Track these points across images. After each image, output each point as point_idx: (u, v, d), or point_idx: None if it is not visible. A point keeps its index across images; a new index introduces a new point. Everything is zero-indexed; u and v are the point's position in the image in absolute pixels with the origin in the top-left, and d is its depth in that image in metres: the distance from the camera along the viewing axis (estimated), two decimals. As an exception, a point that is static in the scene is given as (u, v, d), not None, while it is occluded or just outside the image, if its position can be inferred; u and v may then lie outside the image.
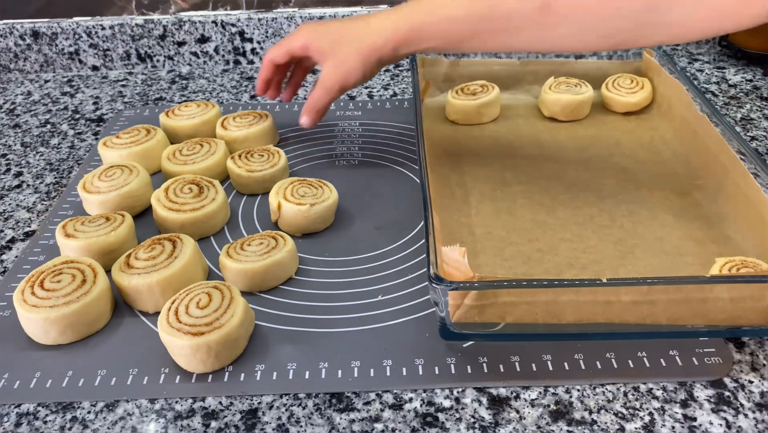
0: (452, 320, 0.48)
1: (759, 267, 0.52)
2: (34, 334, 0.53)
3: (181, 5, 0.98)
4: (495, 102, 0.80)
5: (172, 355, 0.50)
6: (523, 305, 0.47)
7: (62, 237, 0.59)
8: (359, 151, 0.78)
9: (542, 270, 0.57)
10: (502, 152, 0.74)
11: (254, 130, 0.76)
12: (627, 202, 0.65)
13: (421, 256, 0.61)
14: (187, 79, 0.99)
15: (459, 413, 0.47)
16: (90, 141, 0.84)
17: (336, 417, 0.47)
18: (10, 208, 0.71)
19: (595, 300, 0.47)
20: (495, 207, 0.65)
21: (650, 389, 0.48)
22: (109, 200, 0.65)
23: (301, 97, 0.91)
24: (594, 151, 0.74)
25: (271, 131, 0.78)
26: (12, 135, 0.86)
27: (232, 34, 0.99)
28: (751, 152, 0.61)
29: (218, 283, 0.53)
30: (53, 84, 0.99)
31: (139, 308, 0.56)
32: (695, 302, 0.47)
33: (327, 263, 0.61)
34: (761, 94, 0.87)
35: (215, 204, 0.64)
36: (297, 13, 0.98)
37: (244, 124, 0.76)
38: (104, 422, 0.47)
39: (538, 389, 0.49)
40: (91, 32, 0.99)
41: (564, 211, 0.64)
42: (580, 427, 0.46)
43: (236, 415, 0.48)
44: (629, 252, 0.59)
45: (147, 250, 0.57)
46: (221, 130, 0.77)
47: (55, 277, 0.54)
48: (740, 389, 0.48)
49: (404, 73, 0.98)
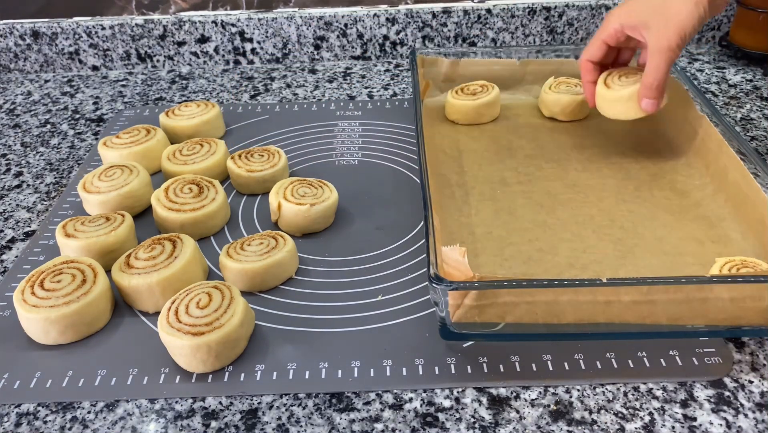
0: (452, 320, 0.48)
1: (759, 267, 0.52)
2: (34, 334, 0.53)
3: (181, 5, 0.98)
4: (495, 102, 0.80)
5: (172, 355, 0.50)
6: (523, 305, 0.47)
7: (62, 237, 0.59)
8: (359, 151, 0.78)
9: (542, 270, 0.57)
10: (502, 152, 0.74)
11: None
12: (627, 202, 0.65)
13: (421, 256, 0.61)
14: (187, 79, 0.99)
15: (459, 413, 0.47)
16: (90, 141, 0.84)
17: (336, 417, 0.47)
18: (10, 208, 0.71)
19: (595, 300, 0.47)
20: (495, 207, 0.65)
21: (650, 389, 0.48)
22: (109, 200, 0.65)
23: (301, 97, 0.92)
24: (594, 151, 0.74)
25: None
26: (12, 135, 0.86)
27: (232, 34, 0.99)
28: (751, 152, 0.61)
29: (218, 283, 0.53)
30: (53, 84, 0.99)
31: (139, 308, 0.56)
32: (695, 302, 0.47)
33: (327, 263, 0.61)
34: (761, 94, 0.87)
35: (215, 204, 0.64)
36: (297, 13, 0.98)
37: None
38: (104, 422, 0.47)
39: (538, 389, 0.49)
40: (91, 32, 0.99)
41: (564, 211, 0.64)
42: (580, 427, 0.46)
43: (236, 415, 0.48)
44: (629, 252, 0.59)
45: (147, 250, 0.57)
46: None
47: (55, 277, 0.54)
48: (740, 389, 0.48)
49: (404, 73, 0.98)
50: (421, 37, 1.00)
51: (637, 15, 0.62)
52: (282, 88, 0.94)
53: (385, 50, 1.01)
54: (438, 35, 0.99)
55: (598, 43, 0.67)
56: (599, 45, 0.67)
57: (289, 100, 0.91)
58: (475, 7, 0.97)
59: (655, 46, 0.61)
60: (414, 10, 0.97)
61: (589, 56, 0.69)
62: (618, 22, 0.64)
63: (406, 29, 0.99)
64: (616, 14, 0.65)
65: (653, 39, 0.61)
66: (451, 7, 0.97)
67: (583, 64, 0.70)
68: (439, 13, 0.97)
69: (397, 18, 0.98)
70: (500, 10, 0.97)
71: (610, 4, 0.97)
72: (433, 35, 1.00)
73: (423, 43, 1.00)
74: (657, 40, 0.61)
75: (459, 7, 0.97)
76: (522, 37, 1.00)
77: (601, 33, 0.66)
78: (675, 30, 0.60)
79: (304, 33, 0.99)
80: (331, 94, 0.92)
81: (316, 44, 1.01)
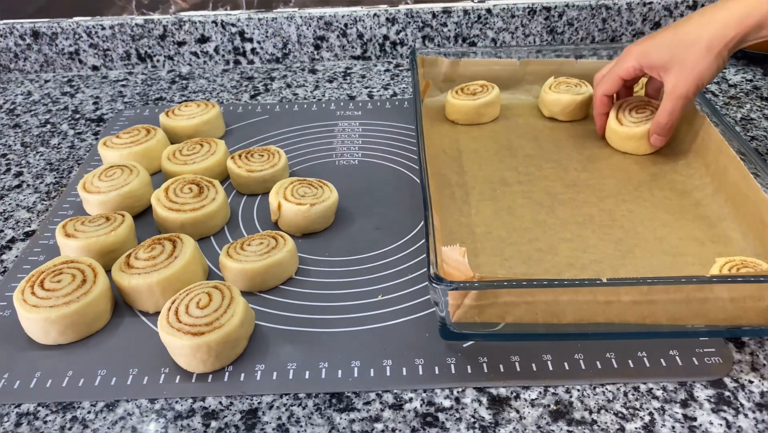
0: (452, 320, 0.48)
1: (759, 267, 0.52)
2: (34, 334, 0.53)
3: (181, 5, 0.98)
4: (495, 102, 0.80)
5: (172, 355, 0.50)
6: (523, 304, 0.47)
7: (62, 237, 0.59)
8: (359, 151, 0.78)
9: (542, 270, 0.57)
10: (502, 152, 0.74)
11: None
12: (627, 202, 0.65)
13: (421, 256, 0.61)
14: (187, 79, 0.99)
15: (459, 413, 0.47)
16: (90, 141, 0.84)
17: (336, 417, 0.47)
18: (10, 208, 0.71)
19: (595, 300, 0.47)
20: (495, 207, 0.65)
21: (650, 389, 0.48)
22: (109, 200, 0.65)
23: (301, 97, 0.92)
24: (594, 151, 0.74)
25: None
26: (12, 135, 0.86)
27: (232, 34, 0.99)
28: (751, 152, 0.61)
29: (218, 283, 0.53)
30: (53, 84, 0.99)
31: (139, 308, 0.56)
32: (695, 302, 0.47)
33: (327, 263, 0.61)
34: (761, 94, 0.87)
35: (215, 204, 0.64)
36: (297, 13, 0.98)
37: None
38: (104, 422, 0.47)
39: (538, 389, 0.49)
40: (91, 32, 0.99)
41: (564, 211, 0.64)
42: (580, 427, 0.46)
43: (236, 415, 0.48)
44: (629, 252, 0.59)
45: (147, 250, 0.57)
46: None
47: (55, 277, 0.54)
48: (740, 389, 0.48)
49: (404, 73, 0.98)
50: (421, 37, 1.00)
51: (657, 57, 0.64)
52: (282, 88, 0.94)
53: (385, 50, 1.01)
54: (438, 35, 1.00)
55: (615, 79, 0.69)
56: (616, 81, 0.69)
57: (289, 100, 0.91)
58: (475, 7, 0.97)
59: (673, 92, 0.64)
60: (414, 10, 0.97)
61: (605, 91, 0.70)
62: (637, 61, 0.66)
63: (406, 29, 0.99)
64: (635, 52, 0.66)
65: (671, 84, 0.64)
66: (451, 7, 0.97)
67: (599, 97, 0.71)
68: (439, 13, 0.97)
69: (397, 18, 0.98)
70: (500, 10, 0.97)
71: (610, 4, 0.97)
72: (433, 35, 1.00)
73: (423, 43, 1.00)
74: (674, 86, 0.63)
75: (459, 7, 0.97)
76: (522, 37, 1.00)
77: (618, 69, 0.68)
78: (693, 80, 0.62)
79: (304, 33, 0.99)
80: (331, 94, 0.92)
81: (316, 44, 1.01)
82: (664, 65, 0.63)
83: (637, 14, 0.98)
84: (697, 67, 0.61)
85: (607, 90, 0.70)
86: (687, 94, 0.63)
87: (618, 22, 0.99)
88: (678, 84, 0.63)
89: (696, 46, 0.61)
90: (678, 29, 0.63)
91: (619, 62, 0.68)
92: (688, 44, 0.62)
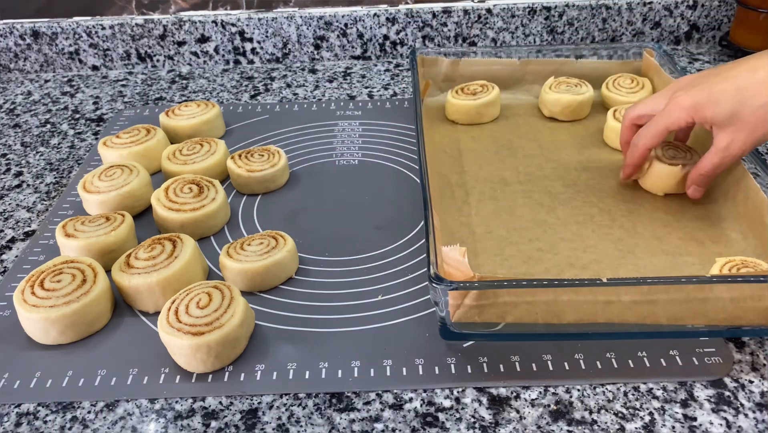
0: (452, 320, 0.48)
1: (759, 267, 0.52)
2: (34, 334, 0.53)
3: (181, 5, 0.98)
4: (495, 102, 0.80)
5: (172, 355, 0.50)
6: (523, 304, 0.47)
7: (62, 237, 0.59)
8: (359, 151, 0.78)
9: (542, 270, 0.57)
10: (502, 152, 0.74)
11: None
12: (627, 201, 0.65)
13: (421, 256, 0.61)
14: (187, 79, 0.99)
15: (459, 413, 0.47)
16: (90, 141, 0.84)
17: (336, 417, 0.47)
18: (10, 208, 0.71)
19: (595, 300, 0.47)
20: (495, 207, 0.65)
21: (650, 388, 0.48)
22: (109, 200, 0.65)
23: (301, 97, 0.92)
24: (594, 151, 0.74)
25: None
26: (12, 135, 0.86)
27: (232, 33, 0.99)
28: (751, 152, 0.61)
29: (218, 283, 0.53)
30: (53, 84, 0.99)
31: (139, 307, 0.56)
32: (695, 302, 0.47)
33: (327, 262, 0.61)
34: (761, 94, 0.87)
35: (215, 204, 0.64)
36: (297, 13, 0.98)
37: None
38: (104, 422, 0.47)
39: (538, 388, 0.49)
40: (91, 32, 0.99)
41: (564, 210, 0.64)
42: (580, 427, 0.46)
43: (236, 415, 0.48)
44: (629, 252, 0.59)
45: (147, 250, 0.57)
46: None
47: (55, 277, 0.54)
48: (740, 389, 0.48)
49: (404, 73, 0.98)
50: (421, 37, 1.00)
51: (714, 113, 0.57)
52: (282, 88, 0.94)
53: (385, 50, 1.01)
54: (438, 35, 1.00)
55: (662, 133, 0.61)
56: (664, 134, 0.61)
57: (289, 100, 0.91)
58: (475, 7, 0.97)
59: (726, 150, 0.58)
60: (414, 10, 0.97)
61: (650, 145, 0.62)
62: (689, 116, 0.58)
63: (406, 29, 0.99)
64: (685, 105, 0.58)
65: (725, 141, 0.57)
66: (451, 7, 0.97)
67: (642, 149, 0.63)
68: (439, 12, 0.97)
69: (397, 18, 0.98)
70: (500, 10, 0.97)
71: (610, 4, 0.97)
72: (433, 35, 1.00)
73: (423, 43, 1.00)
74: (729, 145, 0.57)
75: (459, 6, 0.97)
76: (522, 36, 1.00)
77: (666, 120, 0.60)
78: (752, 143, 0.56)
79: (304, 33, 0.99)
80: (331, 94, 0.92)
81: (316, 44, 1.01)
82: (721, 123, 0.57)
83: (637, 14, 0.98)
84: (760, 131, 0.55)
85: (654, 144, 0.62)
86: (741, 154, 0.57)
87: (618, 22, 0.99)
88: (733, 144, 0.57)
89: (763, 108, 0.54)
90: (738, 81, 0.56)
91: (668, 114, 0.60)
92: (755, 106, 0.55)
